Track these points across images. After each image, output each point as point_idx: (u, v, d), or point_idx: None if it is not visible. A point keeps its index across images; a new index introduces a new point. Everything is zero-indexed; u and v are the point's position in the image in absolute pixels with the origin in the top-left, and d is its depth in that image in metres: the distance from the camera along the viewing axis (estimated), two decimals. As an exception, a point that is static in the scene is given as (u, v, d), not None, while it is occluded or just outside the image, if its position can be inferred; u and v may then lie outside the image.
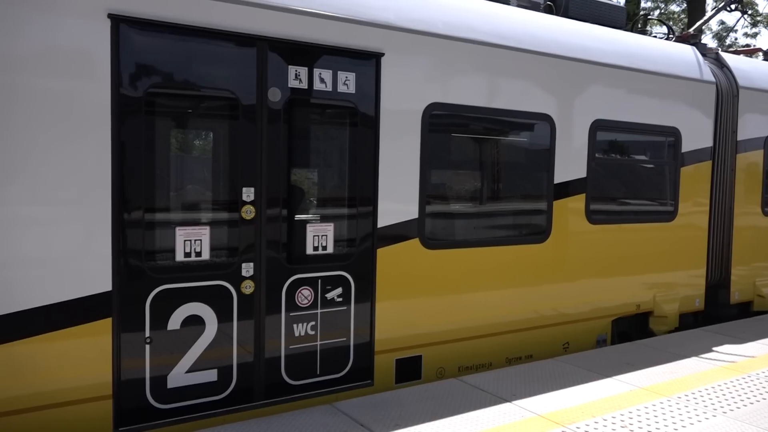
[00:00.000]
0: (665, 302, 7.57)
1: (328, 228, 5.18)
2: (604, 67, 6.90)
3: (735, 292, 8.42)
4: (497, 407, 4.88)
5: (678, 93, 7.61)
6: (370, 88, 5.31)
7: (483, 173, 6.42)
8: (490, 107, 6.07)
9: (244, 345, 4.80)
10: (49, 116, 4.06)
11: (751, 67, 8.84)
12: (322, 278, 5.13)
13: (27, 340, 4.09)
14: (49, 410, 4.19)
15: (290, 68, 4.92)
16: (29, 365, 4.11)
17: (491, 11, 6.33)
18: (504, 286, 6.25)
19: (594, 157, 6.84)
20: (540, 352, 6.55)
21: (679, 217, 7.68)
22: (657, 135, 7.52)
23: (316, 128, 5.43)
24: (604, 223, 7.00)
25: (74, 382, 4.24)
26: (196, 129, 5.17)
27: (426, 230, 5.70)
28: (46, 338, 4.14)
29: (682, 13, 25.67)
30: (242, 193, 4.75)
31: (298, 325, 5.03)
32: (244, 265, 4.77)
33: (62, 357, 4.19)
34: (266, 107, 4.82)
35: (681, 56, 7.85)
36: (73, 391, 4.25)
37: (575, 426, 4.57)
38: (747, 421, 4.74)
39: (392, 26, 5.40)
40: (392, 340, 5.55)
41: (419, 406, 4.87)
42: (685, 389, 5.40)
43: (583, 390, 5.31)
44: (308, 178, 5.53)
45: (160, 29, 4.39)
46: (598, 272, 7.00)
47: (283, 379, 5.00)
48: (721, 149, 8.18)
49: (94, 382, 4.30)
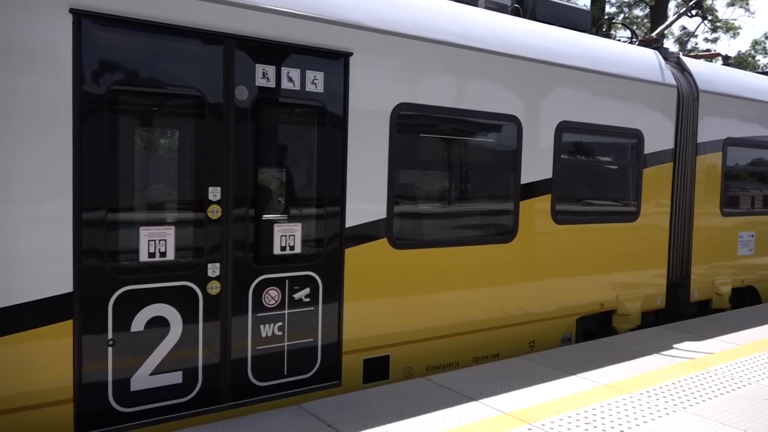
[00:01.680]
0: (628, 301, 7.72)
1: (296, 228, 5.15)
2: (569, 69, 7.01)
3: (695, 290, 8.64)
4: (464, 406, 4.92)
5: (641, 96, 7.77)
6: (339, 88, 5.30)
7: (451, 173, 6.47)
8: (458, 108, 6.11)
9: (210, 346, 4.75)
10: (7, 113, 3.95)
11: (710, 72, 9.08)
12: (289, 278, 5.10)
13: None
14: (6, 415, 4.07)
15: (258, 67, 4.88)
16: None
17: (460, 12, 6.37)
18: (471, 285, 6.31)
19: (559, 158, 6.94)
20: (506, 351, 6.62)
21: (642, 218, 7.84)
22: (620, 137, 7.67)
23: (284, 127, 5.40)
24: (569, 224, 7.11)
25: (33, 385, 4.13)
26: (162, 127, 5.08)
27: (394, 230, 5.71)
28: (4, 341, 4.02)
29: (645, 18, 26.24)
30: (208, 193, 4.69)
31: (265, 325, 4.99)
32: (210, 265, 4.71)
33: (21, 360, 4.08)
34: (233, 106, 4.77)
35: (644, 60, 8.02)
36: (32, 395, 4.13)
37: (540, 423, 4.63)
38: (705, 415, 4.87)
39: (361, 26, 5.40)
40: (360, 341, 5.55)
41: (387, 405, 4.87)
42: (647, 385, 5.52)
43: (549, 388, 5.39)
44: (276, 177, 5.49)
45: (125, 25, 4.31)
46: (563, 272, 7.11)
47: (249, 380, 4.95)
48: (682, 151, 8.38)
49: (54, 385, 4.19)
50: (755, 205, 9.76)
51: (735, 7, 28.56)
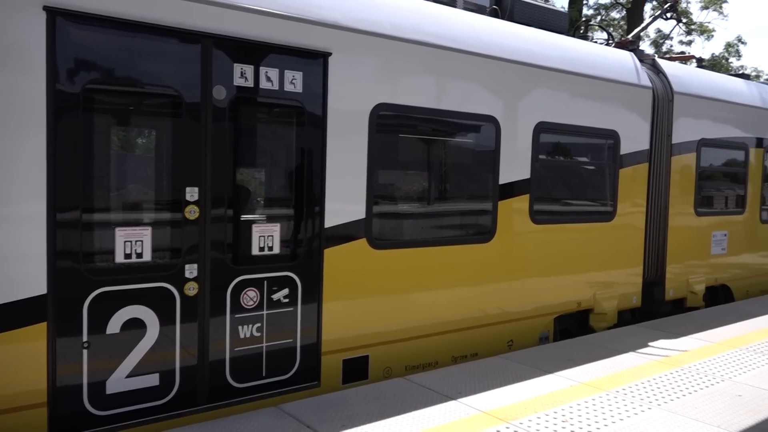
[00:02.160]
0: (604, 300, 7.82)
1: (275, 228, 5.12)
2: (547, 70, 7.07)
3: (670, 289, 8.78)
4: (443, 405, 4.94)
5: (617, 97, 7.87)
6: (318, 88, 5.28)
7: (430, 174, 6.49)
8: (436, 108, 6.13)
9: (188, 348, 4.70)
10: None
11: (685, 74, 9.23)
12: (268, 279, 5.07)
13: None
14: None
15: (236, 66, 4.85)
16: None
17: (438, 13, 6.39)
18: (450, 285, 6.33)
19: (537, 158, 7.00)
20: (485, 350, 6.66)
21: (618, 217, 7.95)
22: (597, 137, 7.76)
23: (263, 127, 5.37)
24: (547, 223, 7.17)
25: (6, 389, 4.06)
26: (138, 127, 5.02)
27: (373, 230, 5.71)
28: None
29: (621, 20, 26.57)
30: (186, 193, 4.65)
31: (244, 326, 4.96)
32: (187, 266, 4.67)
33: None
34: (211, 105, 4.73)
35: (620, 62, 8.12)
36: (4, 398, 4.06)
37: (518, 422, 4.67)
38: (679, 412, 4.95)
39: (340, 26, 5.39)
40: (339, 341, 5.54)
41: (366, 406, 4.88)
42: (623, 383, 5.59)
43: (526, 386, 5.43)
44: (254, 177, 5.47)
45: (100, 23, 4.25)
46: (541, 271, 7.17)
47: (227, 381, 4.92)
48: (657, 152, 8.50)
49: (27, 389, 4.12)
50: (728, 205, 9.94)
51: (709, 10, 29.05)
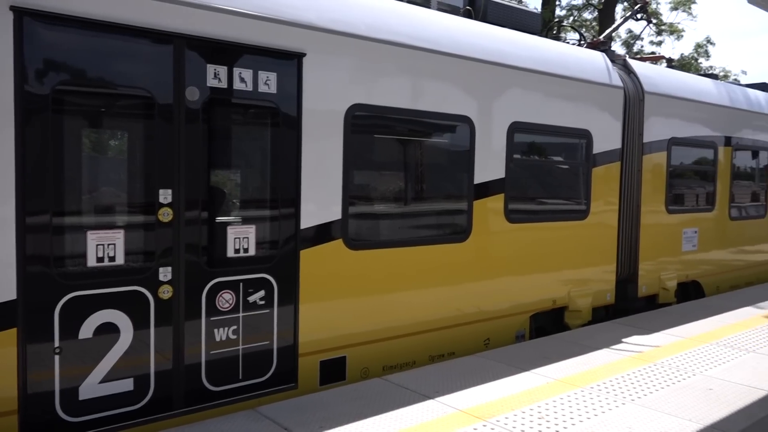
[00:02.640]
0: (579, 297, 7.92)
1: (250, 230, 5.09)
2: (520, 71, 7.14)
3: (642, 285, 8.92)
4: (420, 404, 4.96)
5: (589, 97, 7.98)
6: (292, 89, 5.26)
7: (406, 174, 6.51)
8: (411, 109, 6.15)
9: (162, 352, 4.65)
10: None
11: (655, 74, 9.39)
12: (243, 281, 5.04)
13: None
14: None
15: (209, 67, 4.81)
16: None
17: (413, 14, 6.41)
18: (426, 285, 6.36)
19: (512, 158, 7.06)
20: (462, 349, 6.70)
21: (591, 216, 8.05)
22: (570, 137, 7.85)
23: (237, 128, 5.34)
24: (521, 222, 7.24)
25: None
26: (110, 128, 4.95)
27: (349, 231, 5.71)
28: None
29: (593, 21, 26.91)
30: (159, 195, 4.60)
31: (219, 329, 4.92)
32: (161, 269, 4.62)
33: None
34: (184, 106, 4.68)
35: (592, 62, 8.23)
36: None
37: (495, 419, 4.70)
38: (652, 407, 5.04)
39: (314, 27, 5.38)
40: (316, 342, 5.53)
41: (344, 407, 4.87)
42: (597, 379, 5.67)
43: (503, 384, 5.48)
44: (229, 179, 5.43)
45: (70, 24, 4.19)
46: (516, 270, 7.23)
47: (203, 385, 4.87)
48: (629, 151, 8.64)
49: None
50: (698, 202, 10.14)
51: (678, 11, 29.58)
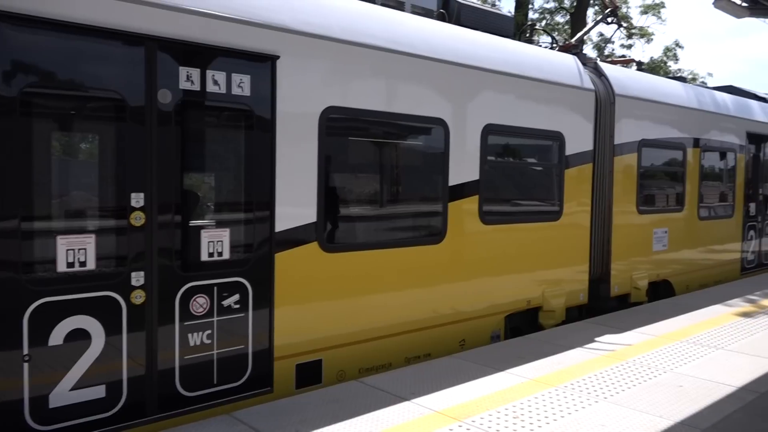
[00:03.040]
0: (553, 297, 8.00)
1: (224, 233, 5.05)
2: (494, 73, 7.21)
3: (614, 285, 9.06)
4: (397, 406, 4.97)
5: (561, 99, 8.08)
6: (266, 91, 5.24)
7: (381, 176, 6.52)
8: (386, 111, 6.16)
9: (135, 358, 4.59)
10: None
11: (625, 77, 9.55)
12: (218, 285, 5.00)
13: None
14: None
15: (181, 69, 4.77)
16: None
17: (387, 17, 6.43)
18: (402, 287, 6.37)
19: (486, 160, 7.12)
20: (438, 350, 6.72)
21: (565, 217, 8.15)
22: (543, 139, 7.95)
23: (211, 131, 5.29)
24: (496, 224, 7.30)
25: (-60, 407, 3.89)
26: (80, 131, 4.87)
27: (325, 234, 5.70)
28: None
29: (566, 24, 27.26)
30: (131, 199, 4.54)
31: (193, 334, 4.87)
32: (133, 274, 4.56)
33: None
34: (156, 109, 4.63)
35: (564, 65, 8.34)
36: (-61, 417, 3.89)
37: (471, 420, 4.73)
38: (625, 404, 5.12)
39: (288, 29, 5.36)
40: (292, 346, 5.50)
41: (320, 410, 4.86)
42: (571, 378, 5.74)
43: (479, 384, 5.51)
44: (203, 182, 5.38)
45: (39, 25, 4.12)
46: (491, 271, 7.29)
47: (177, 391, 4.82)
48: (601, 152, 8.77)
49: (-36, 406, 3.96)
50: (668, 203, 10.33)
51: (648, 15, 30.12)
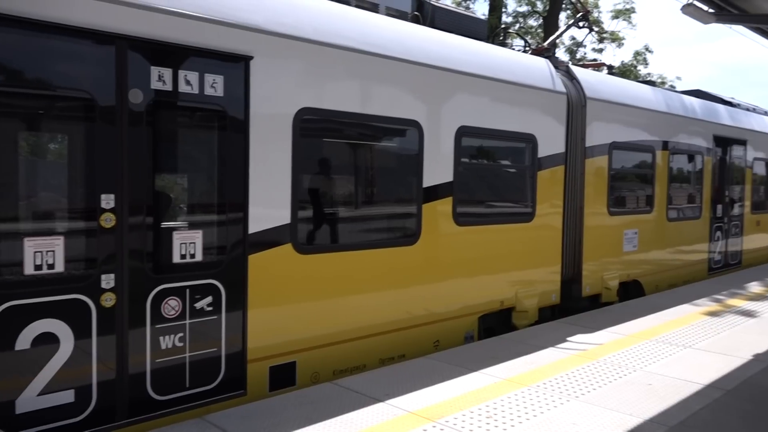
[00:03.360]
0: (526, 298, 8.09)
1: (197, 235, 5.00)
2: (468, 76, 7.26)
3: (586, 286, 9.18)
4: (371, 407, 4.97)
5: (534, 102, 8.17)
6: (239, 92, 5.21)
7: (355, 178, 6.52)
8: (361, 113, 6.17)
9: (105, 362, 4.52)
10: None
11: (596, 80, 9.70)
12: (190, 287, 4.95)
13: None
14: None
15: (153, 69, 4.71)
16: None
17: (362, 19, 6.44)
18: (376, 288, 6.38)
19: (460, 161, 7.16)
20: (412, 351, 6.74)
21: (537, 218, 8.24)
22: (516, 141, 8.03)
23: (183, 132, 5.24)
24: (470, 225, 7.35)
25: None
26: (49, 131, 4.78)
27: (299, 235, 5.68)
28: None
29: (538, 28, 27.55)
30: (101, 200, 4.47)
31: (165, 337, 4.81)
32: (103, 276, 4.49)
33: None
34: (127, 109, 4.57)
35: (537, 68, 8.44)
36: None
37: (444, 420, 4.76)
38: (596, 403, 5.19)
39: (261, 30, 5.34)
40: (265, 348, 5.47)
41: (293, 412, 4.84)
42: (543, 378, 5.80)
43: (452, 385, 5.54)
44: (175, 183, 5.32)
45: (6, 23, 4.03)
46: (465, 272, 7.34)
47: (149, 395, 4.76)
48: (572, 155, 8.89)
49: (-74, 412, 3.85)
50: (638, 204, 10.52)
51: (619, 20, 30.59)
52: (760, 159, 14.34)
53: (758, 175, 14.31)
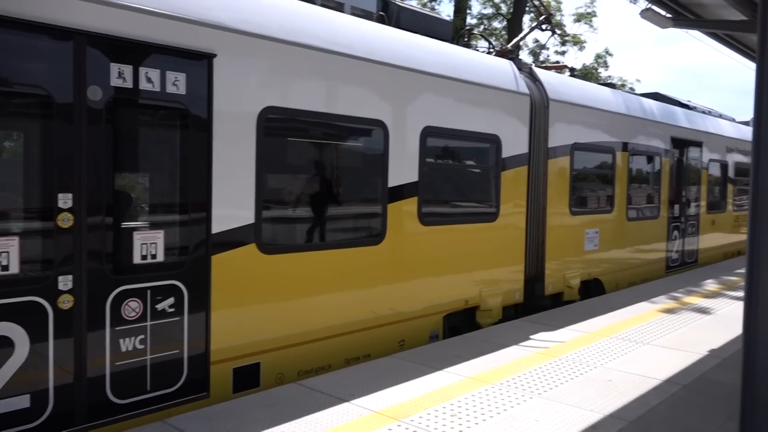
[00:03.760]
0: (490, 297, 8.18)
1: (158, 235, 4.92)
2: (433, 76, 7.30)
3: (549, 284, 9.33)
4: (336, 408, 4.96)
5: (498, 103, 8.27)
6: (202, 90, 5.14)
7: (320, 177, 6.49)
8: (326, 112, 6.15)
9: (63, 365, 4.40)
10: None
11: (559, 82, 9.86)
12: (152, 288, 4.86)
13: None
14: None
15: (113, 66, 4.61)
16: None
17: (327, 18, 6.42)
18: (342, 288, 6.37)
19: (425, 161, 7.20)
20: (377, 351, 6.75)
21: (501, 218, 8.34)
22: (480, 141, 8.11)
23: (144, 130, 5.14)
24: (434, 225, 7.39)
25: None
26: (4, 129, 4.63)
27: (263, 235, 5.63)
28: None
29: (503, 30, 27.87)
30: (58, 200, 4.36)
31: (126, 339, 4.71)
32: (61, 278, 4.37)
33: None
34: (85, 107, 4.46)
35: (500, 69, 8.54)
36: None
37: (409, 419, 4.78)
38: (558, 400, 5.28)
39: (225, 27, 5.27)
40: (229, 349, 5.41)
41: (258, 413, 4.80)
42: (507, 375, 5.87)
43: (417, 384, 5.57)
44: (136, 183, 5.22)
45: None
46: (430, 271, 7.38)
47: (108, 398, 4.66)
48: (535, 155, 9.02)
49: None
50: (599, 204, 10.73)
51: (581, 23, 31.14)
52: (715, 160, 14.78)
53: (713, 176, 14.75)
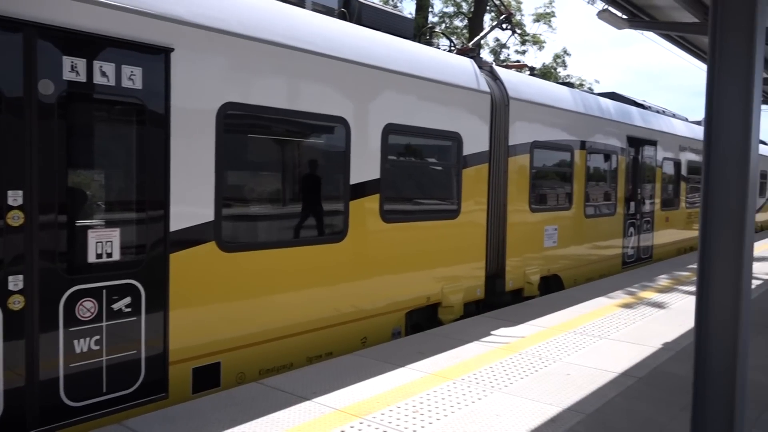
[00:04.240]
0: (451, 293, 8.24)
1: (114, 233, 4.79)
2: (395, 74, 7.30)
3: (509, 280, 9.45)
4: (298, 406, 4.92)
5: (459, 101, 8.33)
6: (160, 85, 5.03)
7: (281, 174, 6.43)
8: (287, 109, 6.09)
9: (13, 368, 4.26)
10: None
11: (519, 81, 9.98)
12: (107, 288, 4.74)
13: None
14: None
15: (65, 59, 4.47)
16: None
17: (288, 13, 6.35)
18: (303, 286, 6.33)
19: (387, 159, 7.21)
20: (340, 349, 6.73)
21: (462, 215, 8.41)
22: (442, 139, 8.15)
23: (99, 125, 5.00)
24: (396, 222, 7.41)
25: None
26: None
27: (223, 233, 5.55)
28: None
29: (464, 29, 28.08)
30: (7, 197, 4.21)
31: (80, 340, 4.58)
32: (11, 278, 4.23)
33: None
34: (36, 101, 4.32)
35: (462, 68, 8.60)
36: None
37: (371, 416, 4.78)
38: (518, 394, 5.36)
39: (183, 21, 5.17)
40: (188, 349, 5.32)
41: (218, 414, 4.73)
42: (468, 371, 5.93)
43: (380, 381, 5.57)
44: (92, 180, 5.08)
45: None
46: (392, 268, 7.39)
47: (62, 401, 4.52)
48: (496, 153, 9.12)
49: None
50: (558, 201, 10.92)
51: (540, 23, 31.60)
52: (669, 159, 15.21)
53: (667, 174, 15.18)
